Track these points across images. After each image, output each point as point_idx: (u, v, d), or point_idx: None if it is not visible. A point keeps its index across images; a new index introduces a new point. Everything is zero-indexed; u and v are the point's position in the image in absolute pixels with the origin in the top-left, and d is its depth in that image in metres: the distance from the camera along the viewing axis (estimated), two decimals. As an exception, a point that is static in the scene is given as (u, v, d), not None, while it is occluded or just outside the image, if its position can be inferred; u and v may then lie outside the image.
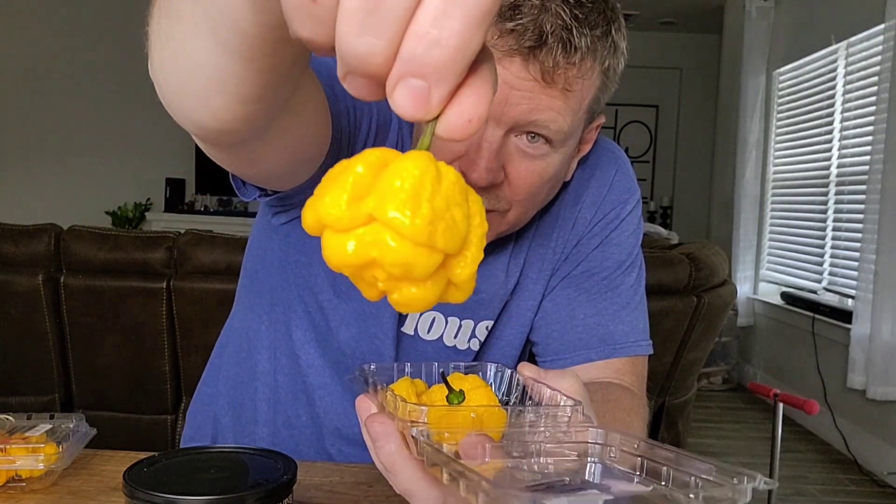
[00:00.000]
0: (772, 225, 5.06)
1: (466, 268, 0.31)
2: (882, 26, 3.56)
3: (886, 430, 3.43)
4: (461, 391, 0.53)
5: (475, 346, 0.93)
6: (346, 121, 0.76)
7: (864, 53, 3.95)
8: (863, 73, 3.95)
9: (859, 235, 3.67)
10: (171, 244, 2.28)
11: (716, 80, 6.16)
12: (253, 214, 6.24)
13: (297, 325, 0.93)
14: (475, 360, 0.95)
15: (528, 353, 0.99)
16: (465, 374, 0.58)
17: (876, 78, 3.60)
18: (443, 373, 0.55)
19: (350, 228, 0.29)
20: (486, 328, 0.92)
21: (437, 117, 0.29)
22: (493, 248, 0.90)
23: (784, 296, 4.61)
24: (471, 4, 0.27)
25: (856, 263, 3.72)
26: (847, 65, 4.15)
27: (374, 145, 0.80)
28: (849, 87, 4.11)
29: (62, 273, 2.27)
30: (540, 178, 0.78)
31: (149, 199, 6.27)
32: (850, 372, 3.56)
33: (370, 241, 0.29)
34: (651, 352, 0.91)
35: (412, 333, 0.91)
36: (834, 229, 4.22)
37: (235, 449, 0.64)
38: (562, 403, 0.53)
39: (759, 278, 5.10)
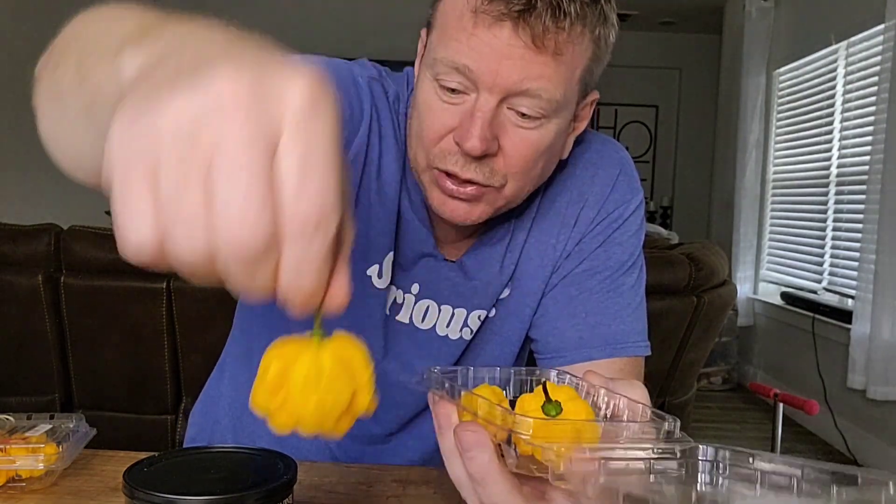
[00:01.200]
0: (772, 225, 5.06)
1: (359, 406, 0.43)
2: (882, 26, 3.56)
3: (886, 430, 3.43)
4: (557, 402, 0.51)
5: (467, 335, 0.93)
6: None
7: (864, 53, 3.95)
8: (863, 73, 3.95)
9: (859, 235, 3.67)
10: (171, 244, 2.28)
11: (716, 80, 6.16)
12: (253, 214, 6.25)
13: (293, 326, 0.94)
14: (472, 353, 0.94)
15: (528, 351, 0.99)
16: (537, 381, 0.57)
17: (876, 78, 3.60)
18: (544, 382, 0.53)
19: (274, 410, 0.43)
20: (479, 318, 0.92)
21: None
22: (490, 237, 0.90)
23: (784, 296, 4.61)
24: (317, 251, 0.33)
25: (856, 263, 3.72)
26: (847, 65, 4.15)
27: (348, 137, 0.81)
28: (849, 87, 4.11)
29: (62, 273, 2.27)
30: (535, 149, 0.77)
31: (149, 200, 6.27)
32: (850, 372, 3.56)
33: (285, 419, 0.43)
34: (649, 353, 0.91)
35: (407, 322, 0.91)
36: (834, 229, 4.22)
37: (235, 449, 0.64)
38: (655, 418, 0.51)
39: (759, 278, 5.10)
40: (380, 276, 0.88)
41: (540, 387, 0.52)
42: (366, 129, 0.84)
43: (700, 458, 0.47)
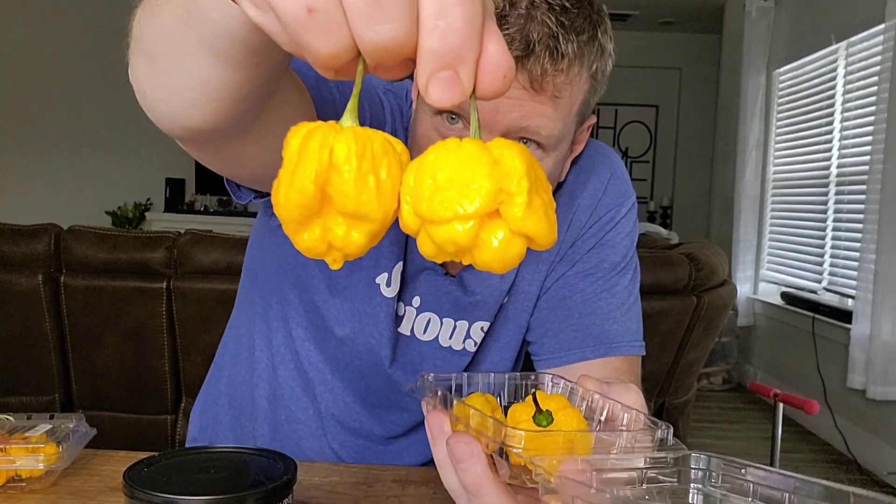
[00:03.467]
0: (772, 225, 5.06)
1: (513, 212, 0.33)
2: (882, 26, 3.56)
3: (886, 430, 3.43)
4: (548, 412, 0.51)
5: (471, 346, 0.93)
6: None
7: (864, 53, 3.95)
8: (863, 73, 3.95)
9: (859, 235, 3.67)
10: (171, 244, 2.28)
11: (716, 80, 6.16)
12: (252, 215, 6.22)
13: (296, 322, 0.95)
14: (473, 361, 0.95)
15: (525, 354, 0.99)
16: (532, 386, 0.57)
17: (876, 78, 3.60)
18: (534, 392, 0.53)
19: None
20: (482, 329, 0.93)
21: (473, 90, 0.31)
22: None
23: (784, 296, 4.61)
24: None
25: (856, 263, 3.72)
26: (847, 65, 4.15)
27: None
28: (849, 87, 4.11)
29: (62, 273, 2.27)
30: None
31: (149, 199, 6.27)
32: (850, 372, 3.56)
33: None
34: (644, 353, 0.91)
35: (408, 334, 0.92)
36: (834, 229, 4.22)
37: (235, 449, 0.64)
38: (648, 426, 0.50)
39: (759, 278, 5.10)
40: (388, 284, 0.88)
41: (531, 396, 0.52)
42: (389, 130, 0.85)
43: (692, 466, 0.47)
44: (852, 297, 3.76)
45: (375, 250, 0.86)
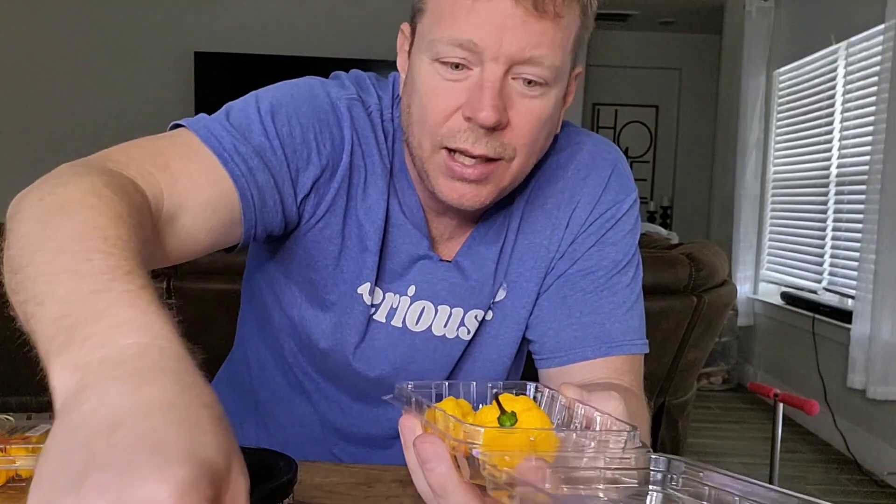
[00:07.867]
0: (772, 225, 5.06)
1: None
2: (882, 26, 3.56)
3: (886, 430, 3.43)
4: (513, 413, 0.51)
5: (464, 335, 0.92)
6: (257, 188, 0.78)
7: (864, 53, 3.95)
8: (863, 73, 3.95)
9: (859, 235, 3.67)
10: (171, 244, 2.28)
11: (716, 80, 6.16)
12: (253, 214, 6.17)
13: (287, 335, 0.95)
14: (469, 356, 0.94)
15: (526, 353, 0.99)
16: (516, 395, 0.57)
17: (876, 78, 3.60)
18: (496, 393, 0.53)
19: None
20: (476, 318, 0.92)
21: None
22: (485, 236, 0.90)
23: (784, 296, 4.61)
24: None
25: (856, 263, 3.72)
26: (847, 65, 4.15)
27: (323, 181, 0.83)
28: (849, 87, 4.11)
29: (62, 273, 2.27)
30: (539, 119, 0.78)
31: (149, 199, 6.27)
32: (850, 372, 3.56)
33: None
34: (647, 351, 0.90)
35: (400, 326, 0.91)
36: (834, 229, 4.22)
37: (235, 449, 0.64)
38: (615, 428, 0.51)
39: (759, 278, 5.10)
40: (371, 292, 0.88)
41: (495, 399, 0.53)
42: (348, 155, 0.84)
43: (652, 468, 0.47)
44: (852, 297, 3.76)
45: (358, 262, 0.86)
